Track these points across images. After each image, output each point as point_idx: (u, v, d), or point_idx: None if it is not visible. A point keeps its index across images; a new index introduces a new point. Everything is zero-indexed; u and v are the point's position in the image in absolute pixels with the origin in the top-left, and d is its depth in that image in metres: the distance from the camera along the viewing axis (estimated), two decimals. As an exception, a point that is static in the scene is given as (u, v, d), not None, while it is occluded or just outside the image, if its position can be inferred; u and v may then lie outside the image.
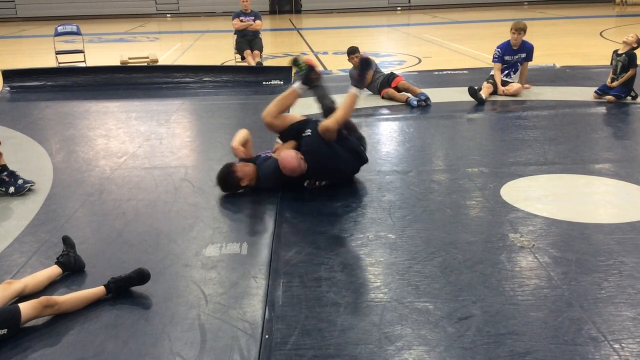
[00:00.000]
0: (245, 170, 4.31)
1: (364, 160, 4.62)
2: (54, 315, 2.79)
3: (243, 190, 4.35)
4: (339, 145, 4.42)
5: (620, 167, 4.68)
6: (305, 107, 5.56)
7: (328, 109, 4.66)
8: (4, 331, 2.61)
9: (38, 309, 2.71)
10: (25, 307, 2.69)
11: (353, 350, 2.50)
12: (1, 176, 4.42)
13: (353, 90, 4.50)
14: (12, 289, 2.86)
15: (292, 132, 4.50)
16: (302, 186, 4.40)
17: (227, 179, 4.29)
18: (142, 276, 3.00)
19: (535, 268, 3.15)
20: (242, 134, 4.61)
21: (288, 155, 4.23)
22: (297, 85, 4.61)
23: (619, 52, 6.93)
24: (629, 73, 6.79)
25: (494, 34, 14.11)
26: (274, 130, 4.62)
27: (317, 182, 4.46)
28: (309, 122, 4.53)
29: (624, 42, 6.90)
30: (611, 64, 7.06)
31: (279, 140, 4.64)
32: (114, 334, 2.67)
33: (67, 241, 3.32)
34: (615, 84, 6.85)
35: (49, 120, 7.05)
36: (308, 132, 4.40)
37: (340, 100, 4.56)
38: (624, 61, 6.83)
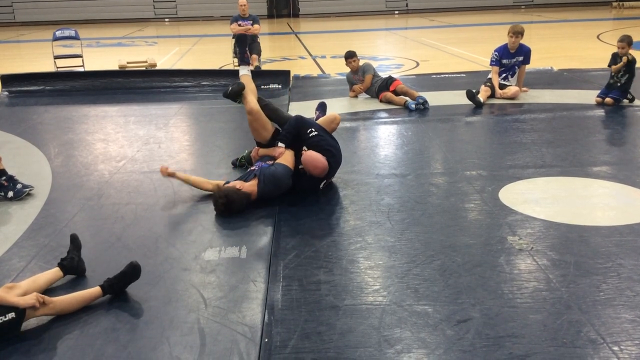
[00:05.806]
0: (245, 185, 4.15)
1: None
2: (51, 315, 2.80)
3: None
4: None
5: (618, 170, 4.69)
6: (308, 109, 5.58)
7: (285, 117, 4.86)
8: (12, 314, 2.63)
9: (34, 298, 2.72)
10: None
11: (352, 353, 2.51)
12: (0, 181, 4.42)
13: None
14: (12, 293, 2.85)
15: (293, 133, 4.49)
16: (300, 189, 4.36)
17: (237, 197, 4.01)
18: (133, 269, 3.01)
19: (534, 271, 3.16)
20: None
21: (314, 155, 4.25)
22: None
23: (620, 54, 6.91)
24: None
25: (491, 37, 14.15)
26: (258, 125, 4.64)
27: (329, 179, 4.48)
28: (305, 120, 4.59)
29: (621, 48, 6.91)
30: (610, 66, 7.03)
31: (281, 144, 4.56)
32: (114, 338, 2.67)
33: (74, 241, 3.29)
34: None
35: (47, 125, 7.05)
36: (313, 131, 4.43)
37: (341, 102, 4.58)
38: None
